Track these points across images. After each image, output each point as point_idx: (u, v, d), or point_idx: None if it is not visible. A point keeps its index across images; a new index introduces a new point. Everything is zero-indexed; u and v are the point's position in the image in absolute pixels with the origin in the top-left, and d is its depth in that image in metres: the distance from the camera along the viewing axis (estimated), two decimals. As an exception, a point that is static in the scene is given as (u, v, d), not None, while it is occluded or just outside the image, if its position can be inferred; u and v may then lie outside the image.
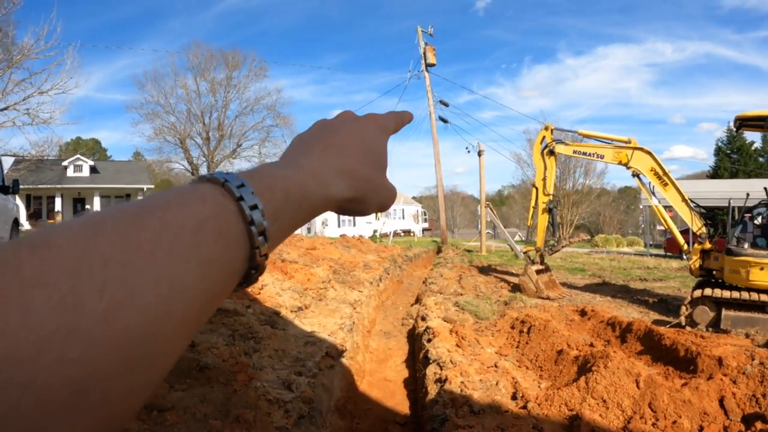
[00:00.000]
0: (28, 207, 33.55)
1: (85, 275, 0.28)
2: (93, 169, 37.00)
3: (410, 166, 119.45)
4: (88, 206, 34.20)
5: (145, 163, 43.39)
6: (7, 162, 29.60)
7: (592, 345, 4.91)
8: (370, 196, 0.57)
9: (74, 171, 36.17)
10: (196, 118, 41.29)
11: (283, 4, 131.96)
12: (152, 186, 38.80)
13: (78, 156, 37.19)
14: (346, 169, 0.54)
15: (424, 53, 26.81)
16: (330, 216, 49.01)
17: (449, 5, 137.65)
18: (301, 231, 40.64)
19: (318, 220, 49.00)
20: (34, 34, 20.82)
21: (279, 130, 46.44)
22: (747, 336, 5.91)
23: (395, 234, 38.18)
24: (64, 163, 35.86)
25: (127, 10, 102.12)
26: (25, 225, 28.74)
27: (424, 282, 11.44)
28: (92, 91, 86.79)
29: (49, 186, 33.55)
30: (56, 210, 34.23)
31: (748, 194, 6.99)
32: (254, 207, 0.39)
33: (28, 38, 20.80)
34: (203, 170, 41.48)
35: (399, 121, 0.68)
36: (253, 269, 0.41)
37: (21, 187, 10.82)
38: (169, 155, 42.20)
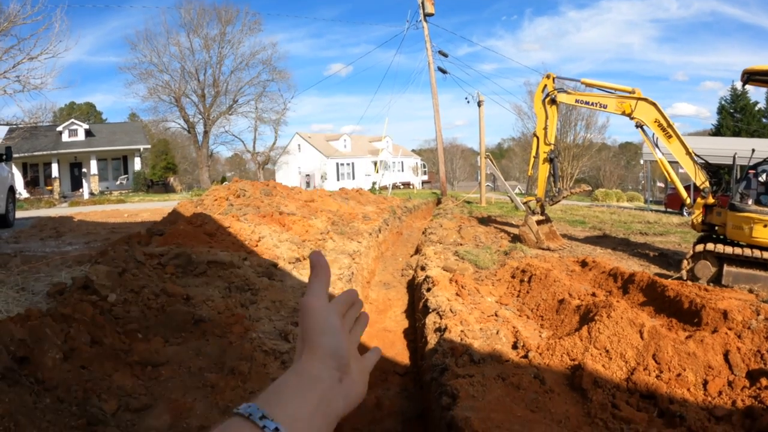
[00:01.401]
0: (24, 174, 33.46)
1: None
2: (88, 133, 36.48)
3: (410, 118, 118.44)
4: (84, 170, 33.81)
5: (141, 123, 42.75)
6: (1, 131, 29.24)
7: (594, 295, 4.85)
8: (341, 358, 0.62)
9: (69, 136, 35.69)
10: (190, 75, 40.26)
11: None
12: (149, 146, 38.33)
13: (72, 120, 36.49)
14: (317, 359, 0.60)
15: (422, 2, 25.99)
16: (329, 170, 48.79)
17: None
18: (300, 185, 40.50)
19: (317, 174, 48.79)
20: (19, 0, 20.10)
21: (275, 85, 45.60)
22: (751, 291, 5.87)
23: (394, 186, 38.02)
24: (59, 129, 35.24)
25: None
26: (23, 193, 28.64)
27: (423, 232, 11.39)
28: (84, 55, 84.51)
29: (44, 152, 33.18)
30: (53, 176, 33.95)
31: (753, 150, 6.86)
32: (276, 430, 0.50)
33: (14, 4, 20.07)
34: (200, 128, 40.82)
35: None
36: None
37: (16, 155, 10.66)
38: (165, 114, 41.34)
